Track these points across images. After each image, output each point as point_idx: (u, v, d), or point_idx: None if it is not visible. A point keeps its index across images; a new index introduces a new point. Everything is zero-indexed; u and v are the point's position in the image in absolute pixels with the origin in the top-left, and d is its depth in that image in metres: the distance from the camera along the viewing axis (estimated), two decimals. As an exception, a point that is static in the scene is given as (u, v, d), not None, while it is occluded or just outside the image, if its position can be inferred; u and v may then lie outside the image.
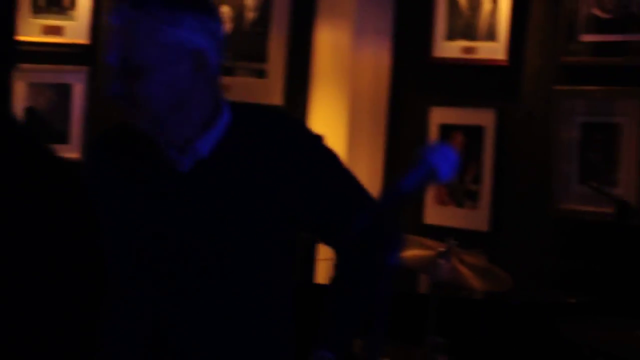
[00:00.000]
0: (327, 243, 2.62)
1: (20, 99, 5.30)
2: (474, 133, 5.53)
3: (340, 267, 2.57)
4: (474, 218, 5.55)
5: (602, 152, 5.09)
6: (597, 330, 3.06)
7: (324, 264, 4.62)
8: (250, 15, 5.74)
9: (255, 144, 2.45)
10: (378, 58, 5.82)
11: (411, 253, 3.64)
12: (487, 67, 5.50)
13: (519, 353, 4.20)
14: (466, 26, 5.57)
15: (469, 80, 5.61)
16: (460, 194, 5.63)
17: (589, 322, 3.06)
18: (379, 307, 1.83)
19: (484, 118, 5.51)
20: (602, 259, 5.00)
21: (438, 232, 4.89)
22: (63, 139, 5.41)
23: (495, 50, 5.44)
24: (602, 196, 3.85)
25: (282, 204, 2.45)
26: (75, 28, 5.47)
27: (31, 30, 5.41)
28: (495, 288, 3.81)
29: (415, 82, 5.83)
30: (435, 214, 5.69)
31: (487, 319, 4.31)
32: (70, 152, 5.29)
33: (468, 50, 5.55)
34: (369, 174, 5.85)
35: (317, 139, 2.54)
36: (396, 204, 1.79)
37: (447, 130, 5.64)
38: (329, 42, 5.77)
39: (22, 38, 5.18)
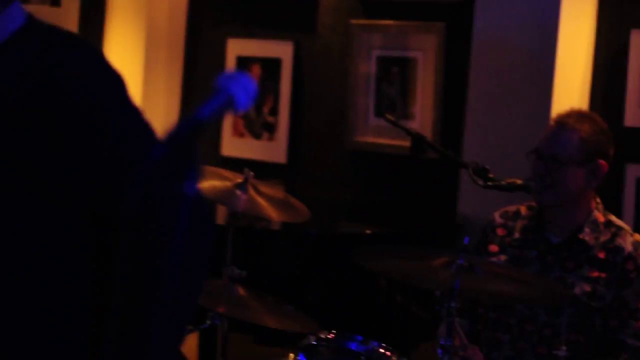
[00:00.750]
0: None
1: None
2: (271, 65, 5.51)
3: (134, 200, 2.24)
4: (271, 150, 5.55)
5: (398, 86, 5.16)
6: (392, 260, 3.11)
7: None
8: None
9: (34, 68, 1.93)
10: (175, -12, 5.74)
11: (208, 184, 3.59)
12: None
13: (316, 284, 4.24)
14: (265, -43, 5.53)
15: (267, 12, 5.58)
16: (257, 126, 5.61)
17: (385, 252, 3.10)
18: (176, 238, 1.78)
19: (281, 50, 5.49)
20: (398, 191, 5.10)
21: (235, 164, 4.87)
22: None
23: (293, -18, 5.43)
24: (398, 129, 3.88)
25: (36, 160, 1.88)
26: None
27: None
28: (292, 219, 3.81)
29: (212, 14, 5.76)
30: (232, 145, 5.66)
31: (284, 250, 4.33)
32: None
33: (266, -19, 5.53)
34: (166, 108, 5.78)
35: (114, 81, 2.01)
36: (193, 133, 1.74)
37: (244, 62, 5.60)
38: (125, -29, 5.65)
39: None
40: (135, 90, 5.48)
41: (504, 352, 3.57)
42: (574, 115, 3.58)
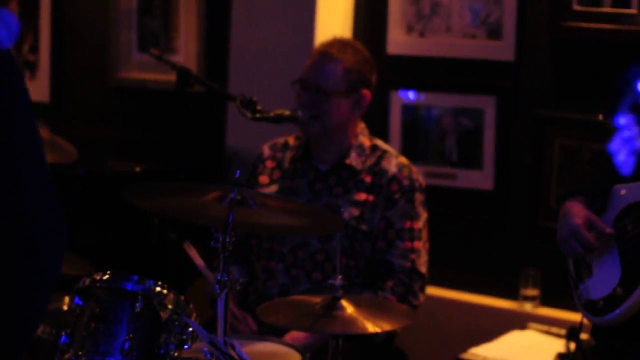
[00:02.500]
0: None
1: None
2: (29, 0, 5.33)
3: None
4: (33, 89, 5.36)
5: (160, 20, 5.09)
6: (164, 197, 3.07)
7: None
8: None
9: None
10: None
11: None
12: None
13: (87, 225, 4.17)
14: None
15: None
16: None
17: (156, 189, 3.06)
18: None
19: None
20: (165, 127, 5.06)
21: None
22: None
23: None
24: (163, 64, 3.83)
25: None
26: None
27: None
28: (59, 159, 3.72)
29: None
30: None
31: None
32: None
33: None
34: None
35: None
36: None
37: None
38: None
39: None
40: None
41: (279, 281, 3.63)
42: (337, 44, 3.62)
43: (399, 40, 4.51)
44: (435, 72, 4.46)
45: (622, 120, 2.81)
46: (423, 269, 3.62)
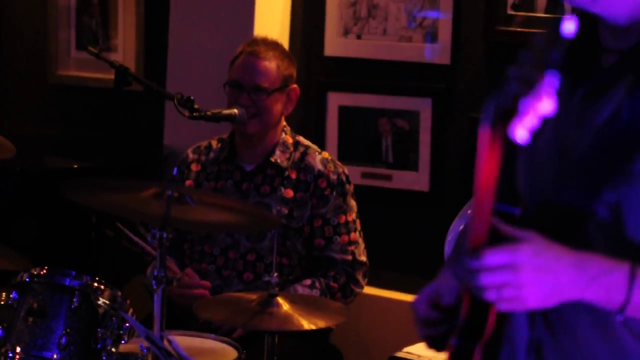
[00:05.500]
0: None
1: None
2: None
3: None
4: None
5: (98, 18, 5.08)
6: (102, 194, 3.08)
7: None
8: None
9: None
10: None
11: None
12: None
13: (25, 221, 4.17)
14: None
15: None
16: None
17: (94, 186, 3.07)
18: None
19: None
20: (103, 125, 5.05)
21: None
22: None
23: None
24: (101, 62, 3.83)
25: None
26: None
27: None
28: (-4, 156, 3.71)
29: None
30: None
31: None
32: None
33: None
34: None
35: None
36: None
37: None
38: None
39: None
40: None
41: (212, 282, 3.64)
42: (260, 43, 3.67)
43: (336, 42, 4.55)
44: (371, 74, 4.51)
45: None
46: (363, 257, 3.72)
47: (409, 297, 4.41)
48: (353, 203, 3.72)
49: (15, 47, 5.32)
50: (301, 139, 3.75)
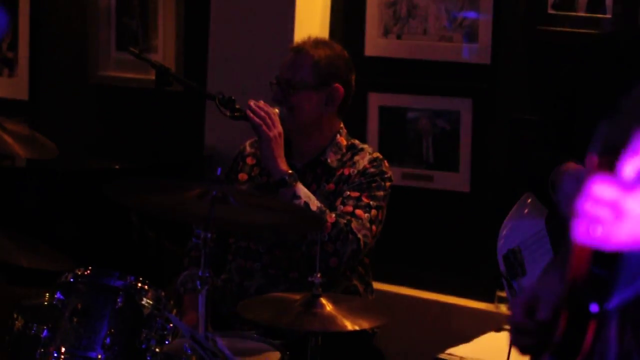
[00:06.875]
0: None
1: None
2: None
3: None
4: (12, 86, 5.40)
5: (138, 19, 5.10)
6: (145, 195, 3.08)
7: None
8: None
9: None
10: None
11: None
12: None
13: (68, 221, 4.18)
14: None
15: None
16: (-4, 62, 5.44)
17: (137, 187, 3.07)
18: None
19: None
20: (145, 125, 5.06)
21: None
22: None
23: None
24: (141, 63, 3.84)
25: None
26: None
27: None
28: (40, 156, 3.73)
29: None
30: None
31: (33, 187, 4.24)
32: None
33: None
34: None
35: None
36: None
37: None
38: None
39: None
40: None
41: (257, 280, 3.63)
42: (310, 41, 3.66)
43: (376, 42, 4.54)
44: (412, 74, 4.49)
45: None
46: (359, 234, 3.49)
47: (450, 299, 4.40)
48: (380, 196, 3.57)
49: (56, 48, 5.35)
50: (356, 142, 3.70)
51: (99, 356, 2.95)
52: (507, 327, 4.03)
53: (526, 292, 2.04)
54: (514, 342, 2.06)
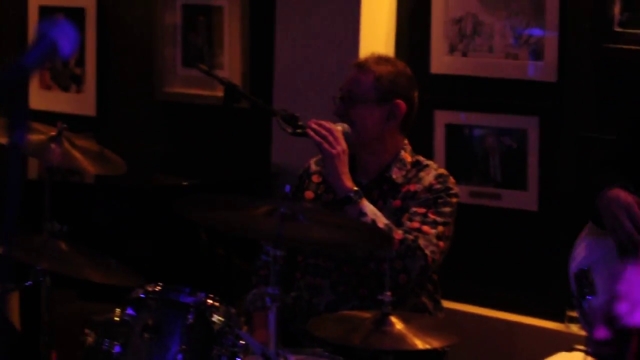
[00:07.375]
0: None
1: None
2: (75, 15, 5.38)
3: None
4: (79, 102, 5.45)
5: (204, 35, 5.12)
6: (214, 211, 3.09)
7: None
8: None
9: None
10: None
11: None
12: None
13: (137, 237, 4.20)
14: None
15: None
16: (64, 78, 5.48)
17: (206, 203, 3.08)
18: (11, 192, 1.72)
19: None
20: (211, 142, 5.08)
21: (43, 117, 4.74)
22: None
23: None
24: (207, 79, 3.85)
25: None
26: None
27: None
28: (108, 172, 3.75)
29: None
30: (40, 99, 5.51)
31: (103, 203, 4.27)
32: None
33: None
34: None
35: None
36: (19, 80, 1.70)
37: (47, 12, 5.47)
38: None
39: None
40: None
41: (326, 297, 3.63)
42: (373, 58, 3.66)
43: (441, 59, 4.53)
44: (478, 91, 4.47)
45: None
46: (427, 250, 3.47)
47: (520, 318, 4.36)
48: (446, 210, 3.55)
49: (122, 65, 5.39)
50: (421, 158, 3.69)
51: (170, 373, 2.95)
52: (579, 347, 4.00)
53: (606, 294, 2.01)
54: (590, 350, 2.02)
